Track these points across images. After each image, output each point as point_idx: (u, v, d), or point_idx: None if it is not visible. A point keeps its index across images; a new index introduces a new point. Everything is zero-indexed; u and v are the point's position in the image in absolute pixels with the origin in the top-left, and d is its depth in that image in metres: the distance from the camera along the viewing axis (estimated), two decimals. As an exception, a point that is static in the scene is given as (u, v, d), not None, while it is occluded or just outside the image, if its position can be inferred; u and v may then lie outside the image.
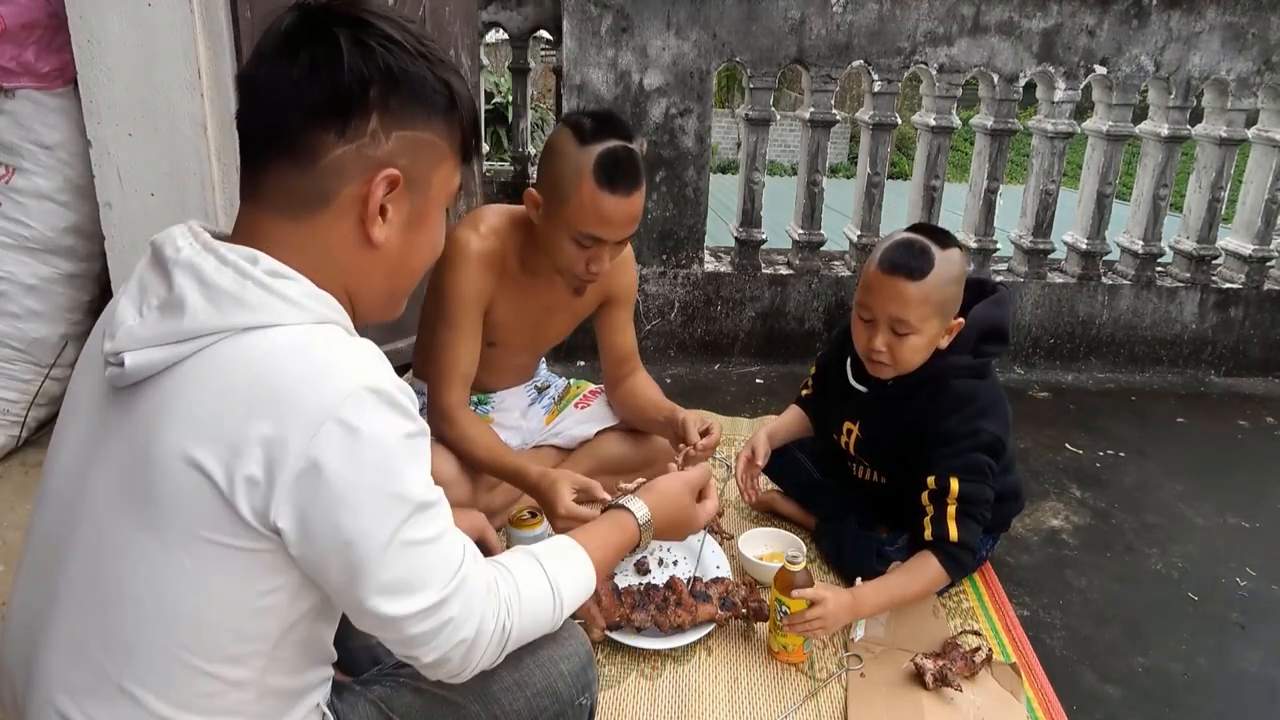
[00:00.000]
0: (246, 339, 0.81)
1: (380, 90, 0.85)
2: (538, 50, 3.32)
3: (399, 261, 0.93)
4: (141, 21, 1.66)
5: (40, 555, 0.92)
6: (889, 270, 1.70)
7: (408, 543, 0.84)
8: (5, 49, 1.79)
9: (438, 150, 0.91)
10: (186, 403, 0.81)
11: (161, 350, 0.81)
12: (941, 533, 1.72)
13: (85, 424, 0.90)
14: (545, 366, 2.32)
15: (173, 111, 1.71)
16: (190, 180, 1.75)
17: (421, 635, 0.88)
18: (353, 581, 0.84)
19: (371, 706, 1.05)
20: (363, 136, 0.85)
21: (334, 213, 0.87)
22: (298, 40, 0.85)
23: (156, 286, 0.85)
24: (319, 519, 0.81)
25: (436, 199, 0.94)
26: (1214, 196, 3.30)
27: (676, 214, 3.13)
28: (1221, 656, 1.81)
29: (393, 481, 0.83)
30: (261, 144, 0.87)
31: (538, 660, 1.09)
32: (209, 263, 0.83)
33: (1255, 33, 3.05)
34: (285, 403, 0.79)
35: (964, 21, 3.02)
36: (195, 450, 0.79)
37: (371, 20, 0.86)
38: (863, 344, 1.79)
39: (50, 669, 0.87)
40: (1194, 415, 3.03)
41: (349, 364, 0.83)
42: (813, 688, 1.63)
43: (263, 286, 0.82)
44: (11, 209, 1.89)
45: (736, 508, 2.20)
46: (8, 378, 1.95)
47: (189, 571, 0.82)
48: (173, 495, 0.80)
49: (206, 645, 0.85)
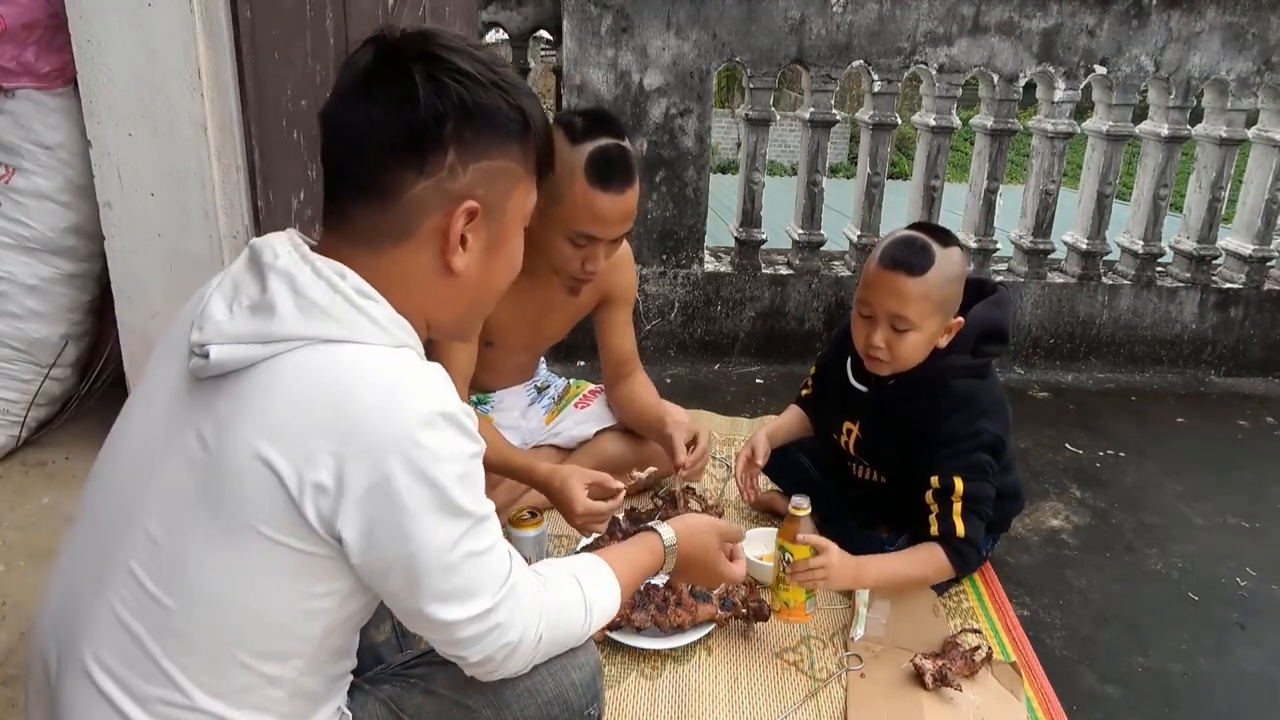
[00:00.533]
0: (328, 350, 0.85)
1: (456, 125, 0.87)
2: (538, 50, 3.32)
3: (478, 285, 0.96)
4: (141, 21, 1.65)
5: (93, 535, 0.93)
6: (889, 266, 1.70)
7: (466, 554, 0.89)
8: (5, 49, 1.79)
9: (514, 174, 0.93)
10: (264, 403, 0.84)
11: (247, 348, 0.84)
12: (948, 528, 1.72)
13: (160, 410, 0.92)
14: (545, 366, 2.32)
15: (173, 111, 1.71)
16: (190, 180, 1.75)
17: (471, 638, 0.93)
18: (412, 590, 0.89)
19: (382, 706, 1.06)
20: (441, 171, 0.88)
21: (415, 244, 0.90)
22: (374, 79, 0.87)
23: (250, 287, 0.88)
24: (385, 533, 0.85)
25: (514, 221, 0.96)
26: (1214, 196, 3.30)
27: (676, 214, 3.13)
28: (1221, 656, 1.81)
29: (456, 498, 0.87)
30: (343, 180, 0.90)
31: (550, 668, 1.11)
32: (304, 273, 0.86)
33: (1255, 33, 3.05)
34: (361, 420, 0.83)
35: (964, 21, 3.02)
36: (268, 449, 0.82)
37: (444, 55, 0.87)
38: (862, 340, 1.79)
39: (92, 647, 0.88)
40: (1194, 415, 3.03)
41: (422, 388, 0.86)
42: (813, 688, 1.63)
43: (351, 304, 0.86)
44: (11, 209, 1.89)
45: (736, 508, 2.20)
46: (8, 378, 1.95)
47: (247, 566, 0.85)
48: (240, 490, 0.83)
49: (253, 640, 0.87)
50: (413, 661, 1.14)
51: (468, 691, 1.07)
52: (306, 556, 0.85)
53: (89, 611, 0.89)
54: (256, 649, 0.88)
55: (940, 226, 1.81)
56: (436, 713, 1.07)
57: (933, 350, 1.78)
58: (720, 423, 2.70)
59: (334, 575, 0.88)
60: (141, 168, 1.74)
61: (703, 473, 1.91)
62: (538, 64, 3.35)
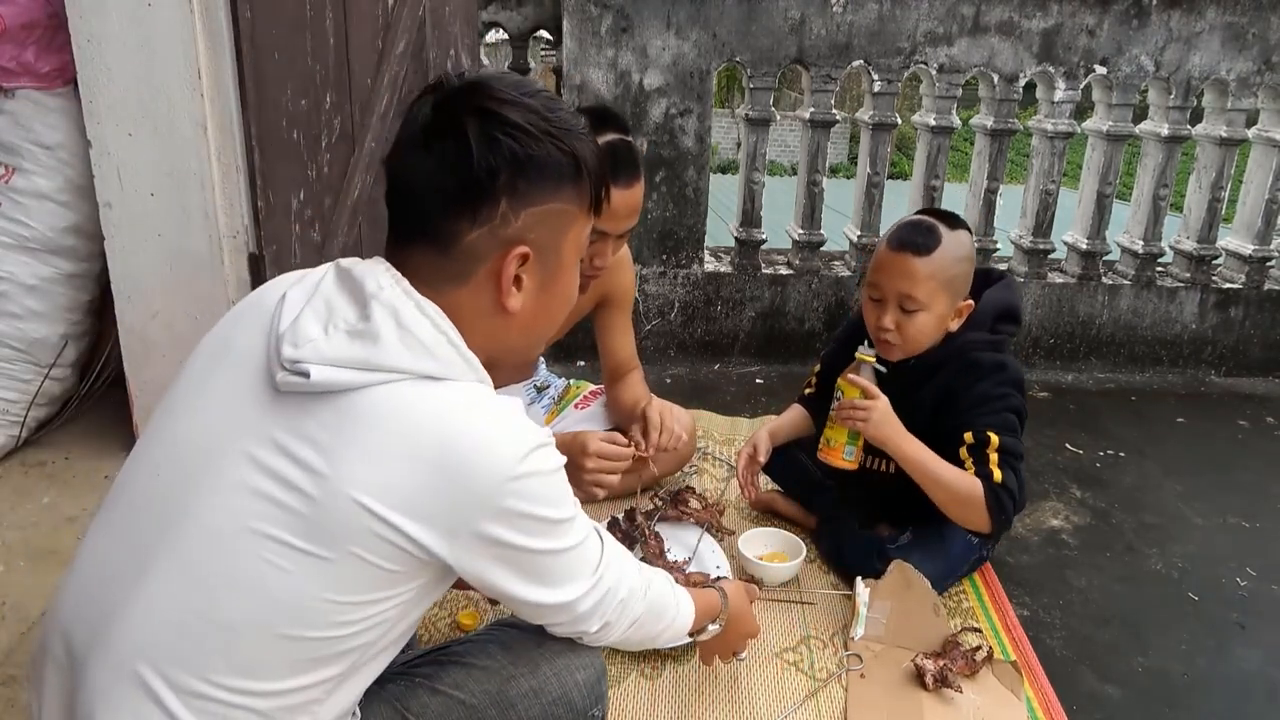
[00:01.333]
0: (428, 387, 0.89)
1: (509, 177, 0.91)
2: (538, 50, 3.32)
3: (532, 321, 1.00)
4: (141, 21, 1.66)
5: (135, 521, 0.93)
6: (896, 247, 1.74)
7: (572, 546, 0.98)
8: (5, 49, 1.79)
9: (567, 215, 0.97)
10: (368, 435, 0.86)
11: (350, 373, 0.87)
12: (985, 472, 1.72)
13: (225, 413, 0.92)
14: (545, 366, 2.32)
15: (173, 111, 1.71)
16: (190, 180, 1.75)
17: (591, 609, 1.03)
18: (531, 584, 0.97)
19: (387, 705, 1.07)
20: (494, 220, 0.92)
21: (472, 288, 0.95)
22: (431, 134, 0.91)
23: (346, 310, 0.91)
24: (504, 551, 0.92)
25: (568, 258, 1.01)
26: (1214, 196, 3.30)
27: (676, 214, 3.13)
28: (1221, 656, 1.81)
29: (555, 516, 0.95)
30: (406, 227, 0.95)
31: (554, 669, 1.12)
32: (409, 308, 0.90)
33: (1255, 33, 3.05)
34: (472, 460, 0.87)
35: (964, 21, 3.02)
36: (378, 502, 0.85)
37: (497, 110, 0.91)
38: (872, 322, 1.81)
39: (134, 637, 0.88)
40: (1194, 415, 3.03)
41: (516, 422, 0.92)
42: (813, 688, 1.63)
43: (450, 343, 0.91)
44: (11, 209, 1.89)
45: (736, 508, 2.20)
46: (8, 378, 1.95)
47: (326, 578, 0.87)
48: (344, 522, 0.85)
49: (305, 646, 0.89)
50: (417, 661, 1.15)
51: (472, 691, 1.08)
52: (396, 574, 0.89)
53: (126, 601, 0.89)
54: (306, 655, 0.89)
55: (948, 211, 1.83)
56: (441, 712, 1.08)
57: (946, 333, 1.79)
58: (720, 423, 2.70)
59: (413, 579, 0.92)
60: (141, 168, 1.74)
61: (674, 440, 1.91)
62: (538, 64, 3.35)
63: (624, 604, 1.08)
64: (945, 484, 1.73)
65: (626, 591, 1.08)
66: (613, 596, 1.06)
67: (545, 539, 0.95)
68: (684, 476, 2.33)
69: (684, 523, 1.99)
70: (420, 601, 0.96)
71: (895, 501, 1.95)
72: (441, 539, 0.88)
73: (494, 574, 0.94)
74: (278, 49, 1.77)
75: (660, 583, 1.19)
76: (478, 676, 1.10)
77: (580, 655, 1.15)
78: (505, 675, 1.10)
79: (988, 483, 1.72)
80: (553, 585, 0.99)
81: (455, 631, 1.71)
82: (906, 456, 1.74)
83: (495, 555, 0.92)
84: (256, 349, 0.93)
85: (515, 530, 0.91)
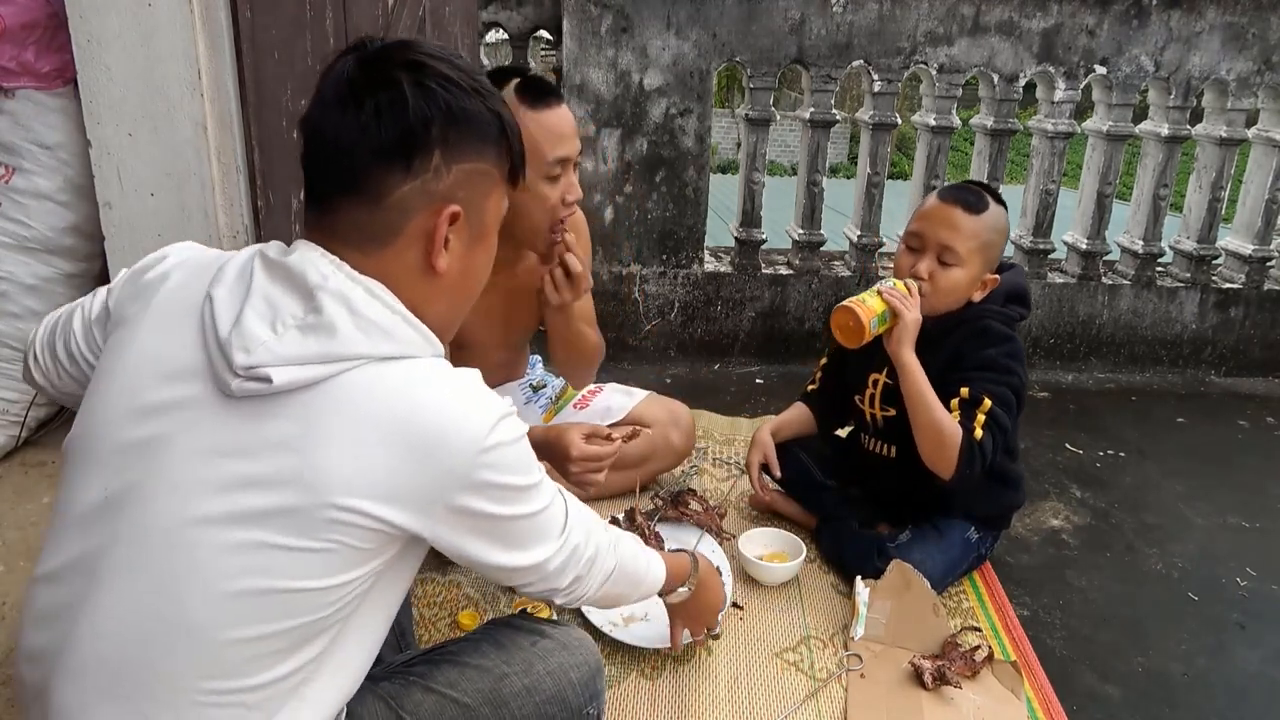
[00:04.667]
0: (389, 367, 0.89)
1: (442, 127, 0.91)
2: (538, 50, 3.33)
3: (458, 285, 1.00)
4: (141, 21, 1.65)
5: (84, 537, 0.91)
6: (949, 200, 1.80)
7: (541, 509, 1.00)
8: (5, 49, 1.79)
9: (491, 178, 0.98)
10: (340, 426, 0.86)
11: (313, 369, 0.86)
12: (969, 428, 1.74)
13: (171, 419, 0.89)
14: (541, 366, 2.32)
15: (173, 111, 1.71)
16: (190, 180, 1.75)
17: (559, 567, 1.04)
18: (502, 550, 0.98)
19: (381, 703, 1.06)
20: (427, 172, 0.91)
21: (401, 245, 0.93)
22: (361, 87, 0.90)
23: (291, 305, 0.89)
24: (476, 521, 0.93)
25: (490, 223, 1.01)
26: (1214, 196, 3.30)
27: (676, 214, 3.13)
28: (1221, 656, 1.81)
29: (530, 475, 0.97)
30: (329, 186, 0.93)
31: (548, 667, 1.12)
32: (357, 294, 0.89)
33: (1255, 33, 3.05)
34: (442, 434, 0.88)
35: (964, 21, 3.02)
36: (352, 489, 0.85)
37: (428, 62, 0.92)
38: (906, 269, 1.82)
39: (95, 653, 0.87)
40: (1194, 415, 3.03)
41: (481, 393, 0.94)
42: (813, 688, 1.63)
43: (408, 322, 0.91)
44: (11, 209, 1.89)
45: (736, 508, 2.20)
46: (8, 378, 1.94)
47: (297, 567, 0.86)
48: (313, 515, 0.85)
49: (287, 634, 0.88)
50: (413, 660, 1.15)
51: (466, 690, 1.08)
52: (369, 550, 0.89)
53: (80, 620, 0.88)
54: (283, 644, 0.88)
55: (990, 186, 1.90)
56: (435, 710, 1.07)
57: (967, 301, 1.82)
58: (720, 423, 2.70)
59: (384, 553, 0.91)
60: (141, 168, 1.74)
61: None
62: (538, 64, 3.35)
63: (593, 561, 1.09)
64: (932, 414, 1.75)
65: (594, 549, 1.09)
66: (580, 553, 1.07)
67: (516, 505, 0.96)
68: (684, 476, 2.33)
69: (684, 523, 1.99)
70: (393, 570, 0.96)
71: (895, 499, 1.95)
72: (417, 517, 0.89)
73: (467, 543, 0.95)
74: (278, 49, 1.77)
75: (628, 540, 1.21)
76: (471, 675, 1.10)
77: (575, 654, 1.14)
78: (499, 674, 1.10)
79: (968, 436, 1.74)
80: (523, 549, 1.00)
81: (455, 631, 1.71)
82: (909, 370, 1.75)
83: (469, 526, 0.93)
84: (192, 353, 0.90)
85: (488, 500, 0.92)
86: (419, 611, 1.75)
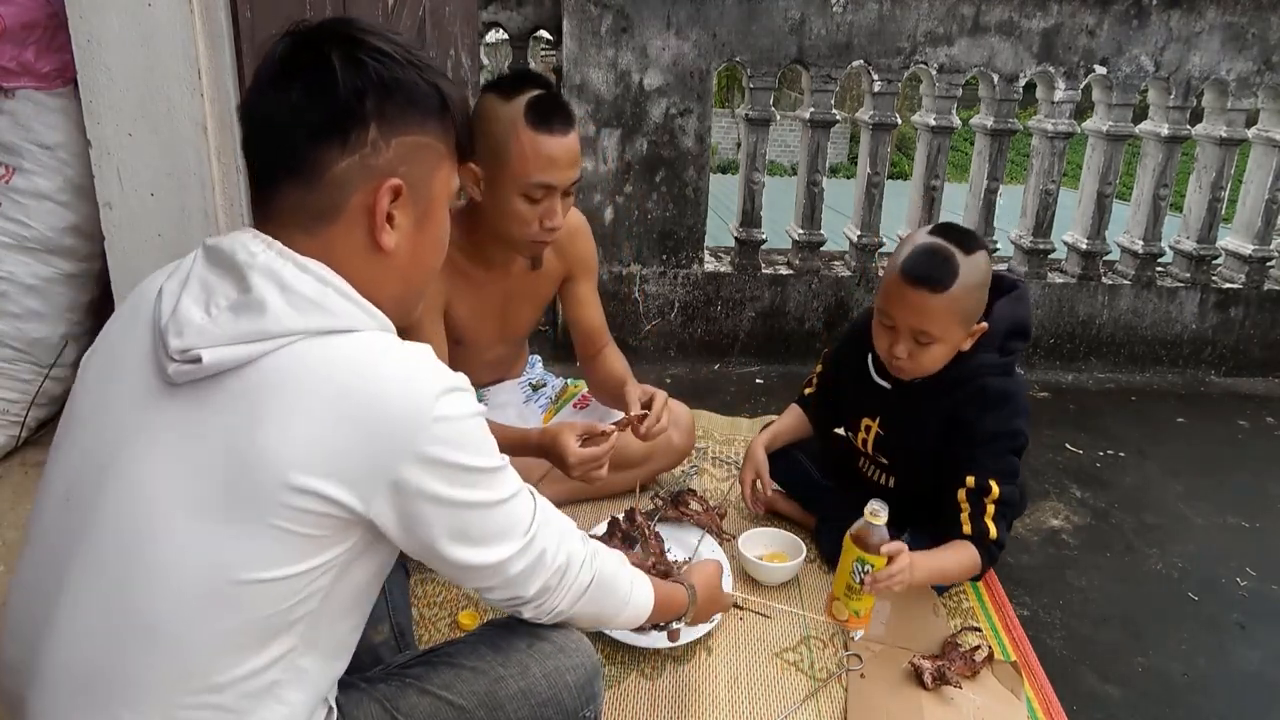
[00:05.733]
0: (329, 341, 0.87)
1: (376, 100, 0.89)
2: (538, 50, 3.32)
3: (410, 264, 0.98)
4: (141, 21, 1.65)
5: (49, 546, 0.91)
6: (911, 282, 1.65)
7: (499, 500, 0.96)
8: (5, 49, 1.79)
9: (435, 152, 0.95)
10: (277, 402, 0.84)
11: (243, 348, 0.84)
12: (982, 530, 1.72)
13: (122, 417, 0.90)
14: (541, 365, 2.32)
15: (173, 111, 1.71)
16: (190, 180, 1.75)
17: (524, 571, 1.00)
18: (459, 544, 0.93)
19: (376, 704, 1.06)
20: (364, 146, 0.90)
21: (345, 224, 0.92)
22: (293, 65, 0.89)
23: (224, 288, 0.88)
24: (422, 514, 0.89)
25: (439, 199, 0.98)
26: (1214, 196, 3.30)
27: (676, 214, 3.13)
28: (1221, 656, 1.81)
29: (483, 456, 0.93)
30: (269, 168, 0.92)
31: (544, 670, 1.11)
32: (288, 269, 0.87)
33: (1255, 33, 3.05)
34: (385, 404, 0.86)
35: (964, 21, 3.02)
36: (292, 465, 0.83)
37: (360, 36, 0.90)
38: (884, 349, 1.76)
39: (63, 661, 0.86)
40: (1194, 415, 3.03)
41: (428, 364, 0.90)
42: (813, 688, 1.63)
43: (342, 294, 0.89)
44: (11, 209, 1.89)
45: (736, 509, 2.19)
46: (8, 378, 1.95)
47: (242, 554, 0.84)
48: (254, 496, 0.83)
49: (246, 627, 0.87)
50: (410, 662, 1.14)
51: (462, 693, 1.07)
52: (320, 538, 0.87)
53: (48, 629, 0.87)
54: (245, 637, 0.87)
55: (964, 229, 1.75)
56: (430, 713, 1.07)
57: (956, 353, 1.75)
58: (720, 423, 2.70)
59: (339, 543, 0.88)
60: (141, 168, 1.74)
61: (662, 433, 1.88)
62: (538, 64, 3.35)
63: (564, 570, 1.05)
64: (954, 574, 1.76)
65: (565, 557, 1.04)
66: (548, 560, 1.02)
67: (469, 489, 0.91)
68: (684, 476, 2.33)
69: (684, 523, 1.99)
70: (356, 565, 0.92)
71: (895, 502, 1.95)
72: (359, 495, 0.85)
73: (419, 530, 0.90)
74: (278, 49, 1.77)
75: (608, 555, 1.15)
76: (467, 678, 1.09)
77: (571, 656, 1.13)
78: (495, 677, 1.09)
79: (981, 542, 1.72)
80: (481, 544, 0.95)
81: (455, 631, 1.71)
82: (928, 576, 1.72)
83: (416, 510, 0.89)
84: (141, 348, 0.91)
85: (436, 478, 0.88)
86: (419, 611, 1.75)
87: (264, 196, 0.93)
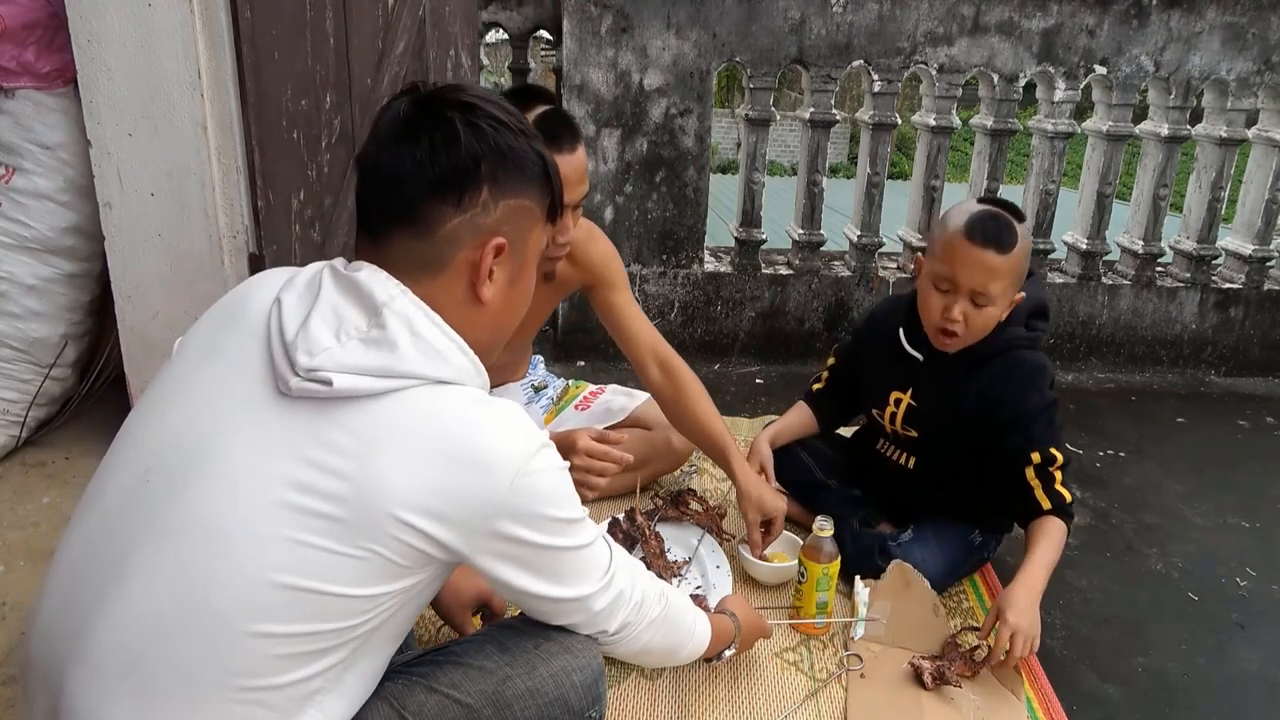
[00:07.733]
0: (441, 391, 0.94)
1: (490, 164, 0.97)
2: (538, 50, 3.32)
3: (501, 314, 1.06)
4: (141, 21, 1.66)
5: (118, 524, 0.92)
6: (980, 243, 1.69)
7: (582, 545, 1.05)
8: (5, 49, 1.79)
9: (533, 214, 1.04)
10: (398, 440, 0.90)
11: (371, 380, 0.91)
12: (1059, 500, 1.76)
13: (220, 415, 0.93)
14: (543, 366, 2.32)
15: (173, 111, 1.71)
16: (190, 180, 1.75)
17: (606, 608, 1.10)
18: (544, 582, 1.03)
19: (384, 703, 1.07)
20: (476, 206, 0.97)
21: (450, 275, 0.99)
22: (416, 125, 0.96)
23: (355, 318, 0.94)
24: (522, 549, 0.98)
25: (531, 257, 1.07)
26: (1214, 196, 3.30)
27: (676, 214, 3.13)
28: (1221, 656, 1.81)
29: (564, 515, 1.01)
30: (385, 217, 0.98)
31: (551, 670, 1.12)
32: (419, 317, 0.95)
33: (1255, 33, 3.05)
34: (489, 458, 0.93)
35: (964, 21, 3.02)
36: (404, 502, 0.89)
37: (478, 104, 0.98)
38: (938, 313, 1.77)
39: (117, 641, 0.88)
40: (1194, 415, 3.03)
41: (523, 422, 0.98)
42: (813, 688, 1.63)
43: (461, 351, 0.97)
44: (11, 209, 1.89)
45: (736, 507, 2.19)
46: (8, 378, 1.95)
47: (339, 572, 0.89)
48: (364, 522, 0.88)
49: (317, 638, 0.91)
50: (416, 660, 1.15)
51: (469, 691, 1.09)
52: (409, 568, 0.93)
53: (104, 607, 0.88)
54: (311, 646, 0.91)
55: (1008, 201, 1.83)
56: (437, 711, 1.08)
57: None
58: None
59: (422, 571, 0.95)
60: (141, 168, 1.74)
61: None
62: (538, 64, 3.35)
63: (640, 607, 1.15)
64: (1055, 557, 1.74)
65: (640, 595, 1.15)
66: (627, 598, 1.13)
67: (556, 536, 1.00)
68: (684, 477, 2.32)
69: (684, 523, 1.99)
70: (424, 590, 0.99)
71: (905, 501, 1.95)
72: (461, 537, 0.93)
73: (506, 570, 0.99)
74: (278, 49, 1.77)
75: (676, 594, 1.26)
76: (474, 677, 1.10)
77: (577, 657, 1.14)
78: (502, 676, 1.10)
79: (1061, 511, 1.76)
80: (564, 582, 1.05)
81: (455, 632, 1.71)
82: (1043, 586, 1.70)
83: (509, 552, 0.97)
84: (252, 352, 0.95)
85: (528, 527, 0.96)
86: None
87: (374, 239, 0.99)
